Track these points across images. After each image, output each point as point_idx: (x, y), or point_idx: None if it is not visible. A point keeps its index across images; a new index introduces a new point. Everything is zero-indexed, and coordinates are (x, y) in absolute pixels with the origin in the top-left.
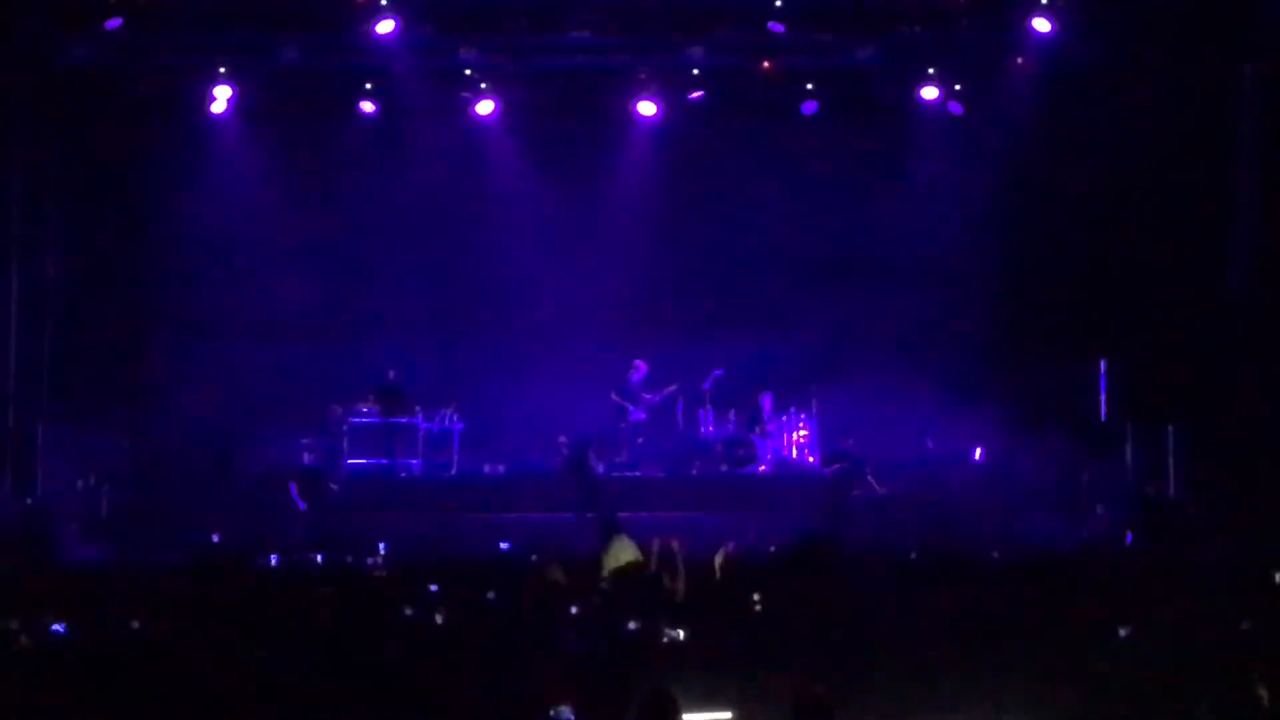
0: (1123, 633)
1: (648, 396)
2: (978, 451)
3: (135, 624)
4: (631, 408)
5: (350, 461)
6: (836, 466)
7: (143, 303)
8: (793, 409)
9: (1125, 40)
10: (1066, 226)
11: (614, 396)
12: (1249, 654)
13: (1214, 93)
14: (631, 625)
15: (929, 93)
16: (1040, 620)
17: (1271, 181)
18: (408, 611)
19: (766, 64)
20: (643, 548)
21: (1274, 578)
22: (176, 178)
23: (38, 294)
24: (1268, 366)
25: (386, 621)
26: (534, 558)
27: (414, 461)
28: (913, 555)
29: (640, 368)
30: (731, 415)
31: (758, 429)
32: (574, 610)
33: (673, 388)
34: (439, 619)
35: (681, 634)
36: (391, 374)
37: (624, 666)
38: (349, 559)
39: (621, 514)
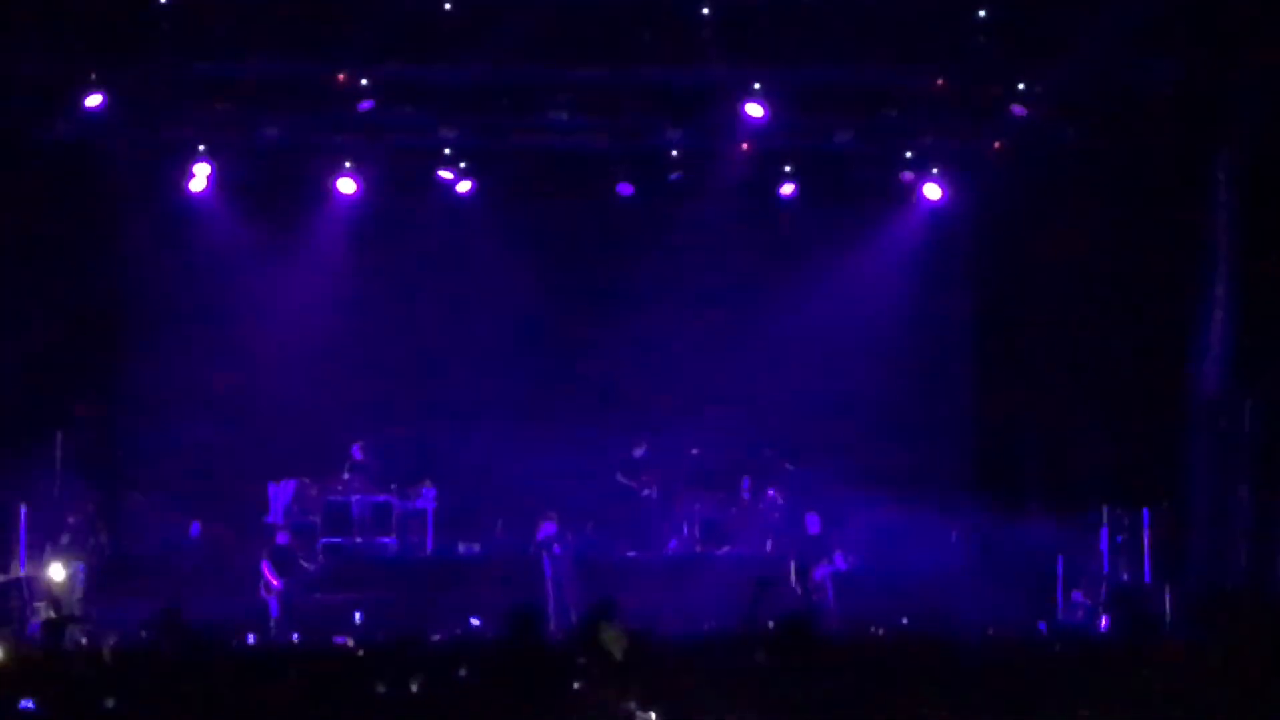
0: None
1: (646, 477)
2: (952, 534)
3: (109, 703)
4: (640, 487)
5: (324, 540)
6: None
7: (119, 379)
8: (770, 491)
9: (1102, 127)
10: (1043, 308)
11: (620, 478)
12: None
13: (1189, 177)
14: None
15: (907, 177)
16: (1015, 703)
17: (1245, 267)
18: (380, 689)
19: (745, 146)
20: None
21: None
22: (155, 254)
23: (15, 371)
24: (1241, 454)
25: (359, 698)
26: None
27: (389, 540)
28: (879, 632)
29: (642, 445)
30: (708, 495)
31: (733, 509)
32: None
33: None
34: (414, 687)
35: (654, 716)
36: (358, 452)
37: None
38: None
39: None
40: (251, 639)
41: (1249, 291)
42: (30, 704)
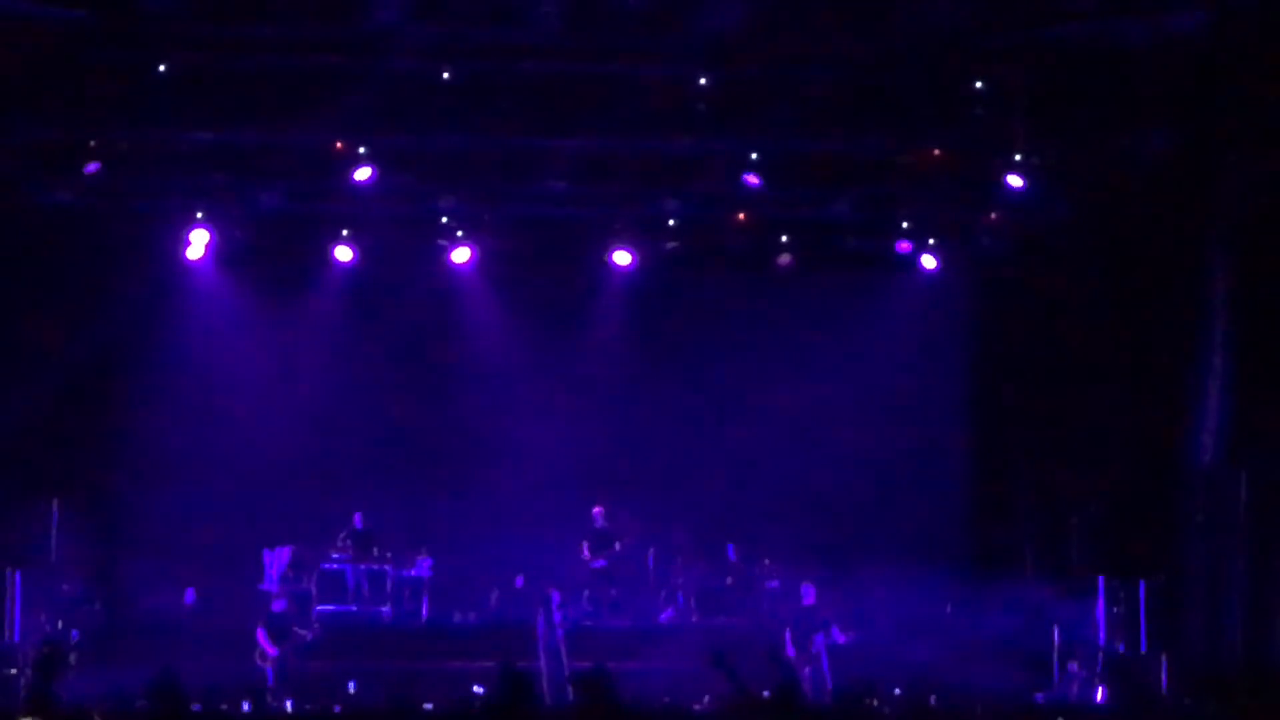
0: None
1: (616, 548)
2: (948, 605)
3: None
4: (593, 558)
5: (320, 608)
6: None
7: (115, 445)
8: (765, 559)
9: (1096, 197)
10: (1038, 379)
11: (586, 546)
12: None
13: (1184, 249)
14: None
15: (902, 247)
16: None
17: (1241, 337)
18: None
19: (741, 215)
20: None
21: None
22: (152, 320)
23: (11, 437)
24: (1236, 525)
25: None
26: None
27: (384, 609)
28: (875, 703)
29: (598, 514)
30: (702, 565)
31: (729, 579)
32: None
33: (619, 545)
34: None
35: None
36: (359, 521)
37: None
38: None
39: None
40: (246, 706)
41: (1244, 362)
42: None
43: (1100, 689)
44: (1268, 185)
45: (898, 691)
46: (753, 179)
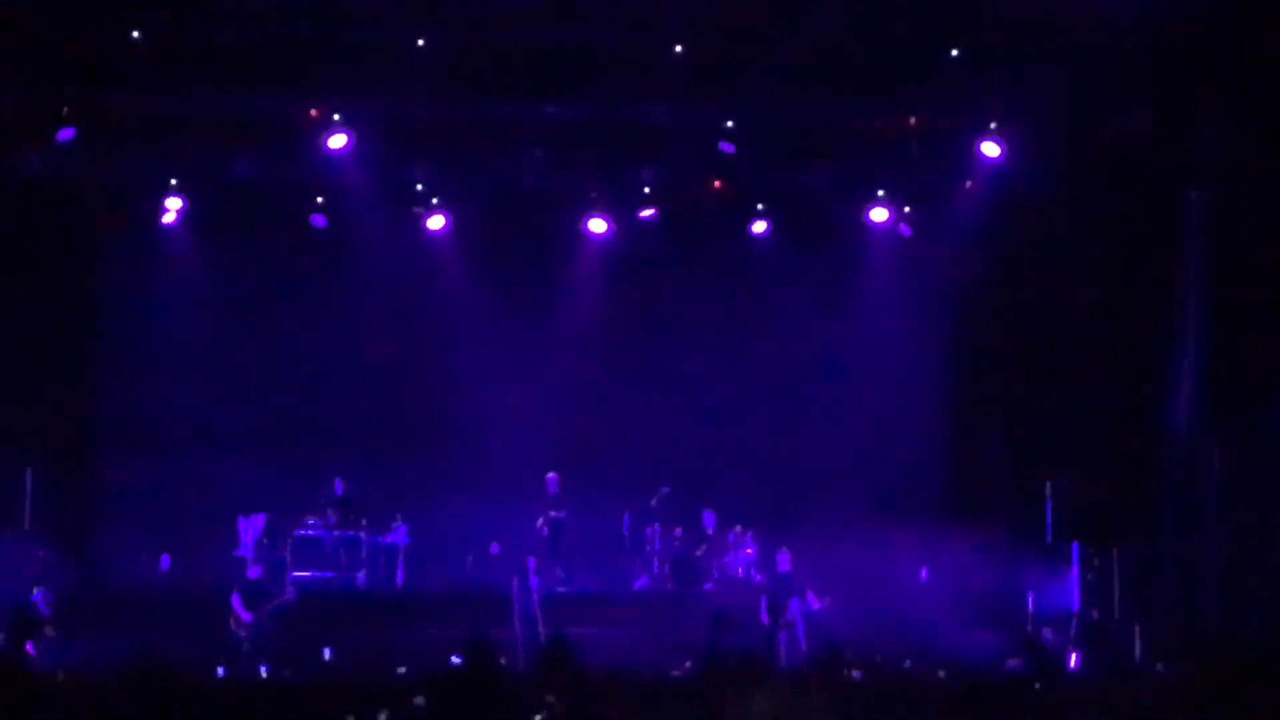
0: None
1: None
2: (923, 572)
3: None
4: (544, 525)
5: (295, 574)
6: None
7: (89, 413)
8: (739, 526)
9: (1073, 166)
10: (1014, 348)
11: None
12: None
13: (1160, 219)
14: None
15: (879, 215)
16: None
17: (1216, 310)
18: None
19: (717, 184)
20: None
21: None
22: (126, 289)
23: None
24: (1210, 495)
25: None
26: None
27: (359, 575)
28: (855, 674)
29: (551, 480)
30: (678, 532)
31: (703, 546)
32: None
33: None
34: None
35: None
36: (340, 487)
37: None
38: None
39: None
40: (221, 672)
41: (1219, 334)
42: None
43: (1074, 655)
44: (1247, 158)
45: (879, 659)
46: (728, 147)
